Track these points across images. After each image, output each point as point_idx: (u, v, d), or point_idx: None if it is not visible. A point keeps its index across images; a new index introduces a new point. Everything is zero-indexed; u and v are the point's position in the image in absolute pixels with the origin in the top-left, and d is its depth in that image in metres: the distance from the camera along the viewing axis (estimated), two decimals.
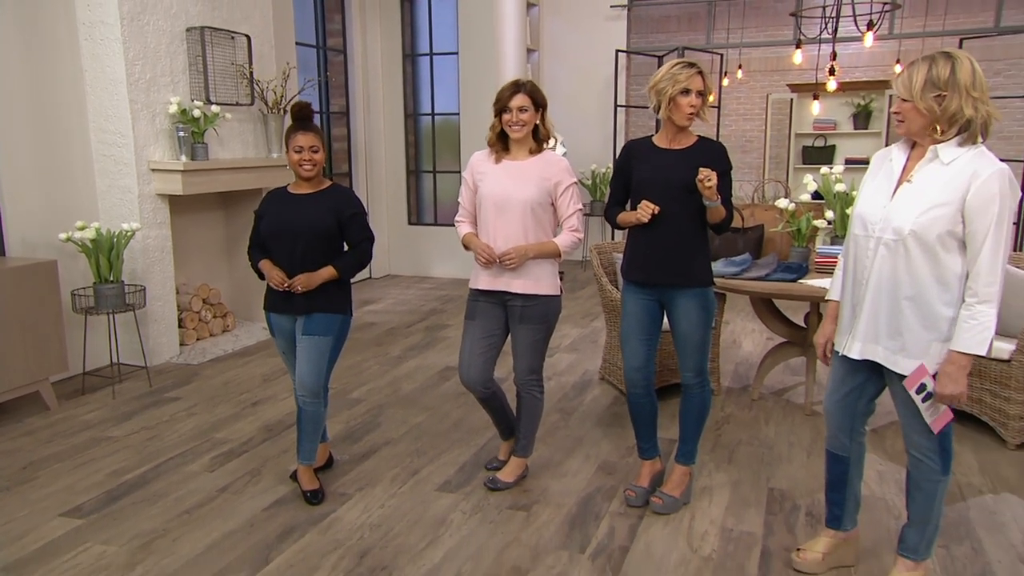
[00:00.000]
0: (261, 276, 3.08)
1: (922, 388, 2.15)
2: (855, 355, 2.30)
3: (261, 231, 3.07)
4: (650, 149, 2.87)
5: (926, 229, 2.10)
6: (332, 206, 2.99)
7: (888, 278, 2.19)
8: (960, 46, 7.59)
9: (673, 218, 2.77)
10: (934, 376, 2.15)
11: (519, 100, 2.90)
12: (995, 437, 3.62)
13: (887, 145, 8.77)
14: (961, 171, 2.08)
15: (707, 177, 2.61)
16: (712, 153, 2.80)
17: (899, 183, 2.21)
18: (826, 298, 2.51)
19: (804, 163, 8.72)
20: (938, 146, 2.12)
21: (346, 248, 3.08)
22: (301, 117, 2.96)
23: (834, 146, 8.76)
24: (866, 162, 8.35)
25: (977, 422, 3.71)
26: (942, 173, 2.11)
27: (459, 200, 3.17)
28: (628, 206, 2.94)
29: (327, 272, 2.97)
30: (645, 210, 2.74)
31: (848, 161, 8.33)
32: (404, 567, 2.62)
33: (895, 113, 2.18)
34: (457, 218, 3.18)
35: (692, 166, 2.73)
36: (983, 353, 2.10)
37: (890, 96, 8.47)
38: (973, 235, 2.07)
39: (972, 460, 3.41)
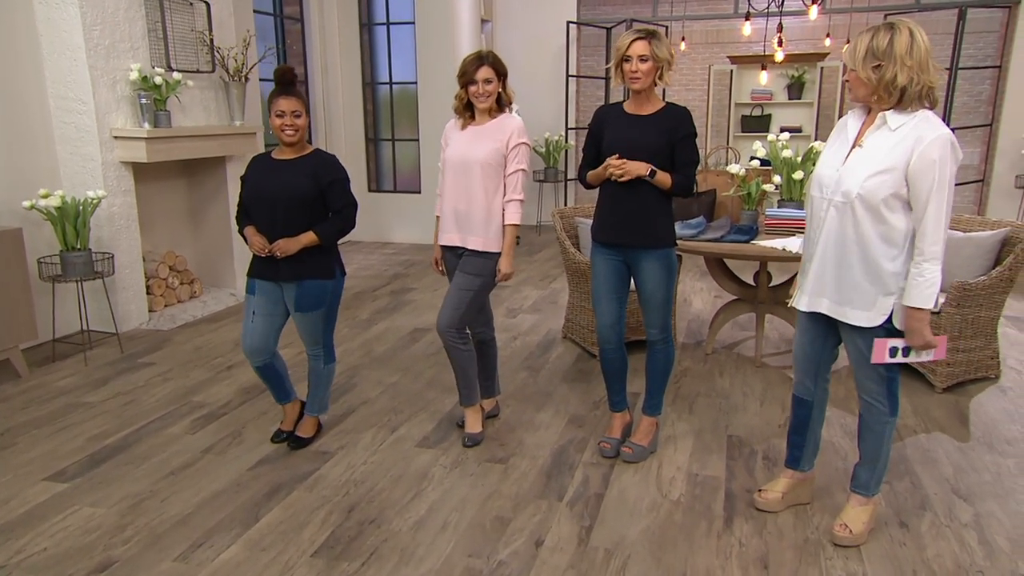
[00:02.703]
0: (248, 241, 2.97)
1: (894, 351, 2.22)
2: (803, 307, 2.40)
3: (243, 196, 2.96)
4: (619, 115, 2.86)
5: (872, 192, 2.14)
6: (312, 172, 2.89)
7: (836, 237, 2.25)
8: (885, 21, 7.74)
9: (637, 182, 2.76)
10: (901, 335, 2.22)
11: (484, 72, 2.91)
12: (925, 382, 3.78)
13: (818, 114, 8.90)
14: (906, 137, 2.12)
15: (617, 169, 2.71)
16: (675, 119, 2.79)
17: (852, 148, 2.25)
18: (797, 252, 2.58)
19: (743, 131, 8.84)
20: (886, 113, 2.16)
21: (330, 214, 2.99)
22: (284, 82, 2.83)
23: (770, 115, 8.88)
24: (799, 130, 8.56)
25: (909, 369, 3.86)
26: (889, 138, 2.15)
27: (439, 164, 3.16)
28: None
29: (307, 238, 2.88)
30: (609, 165, 2.74)
31: (783, 129, 8.45)
32: (392, 520, 2.61)
33: (846, 81, 2.24)
34: (438, 191, 3.19)
35: (657, 131, 2.76)
36: (930, 307, 2.16)
37: (822, 68, 8.61)
38: (916, 197, 2.12)
39: (906, 403, 3.55)
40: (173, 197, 5.53)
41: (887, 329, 2.24)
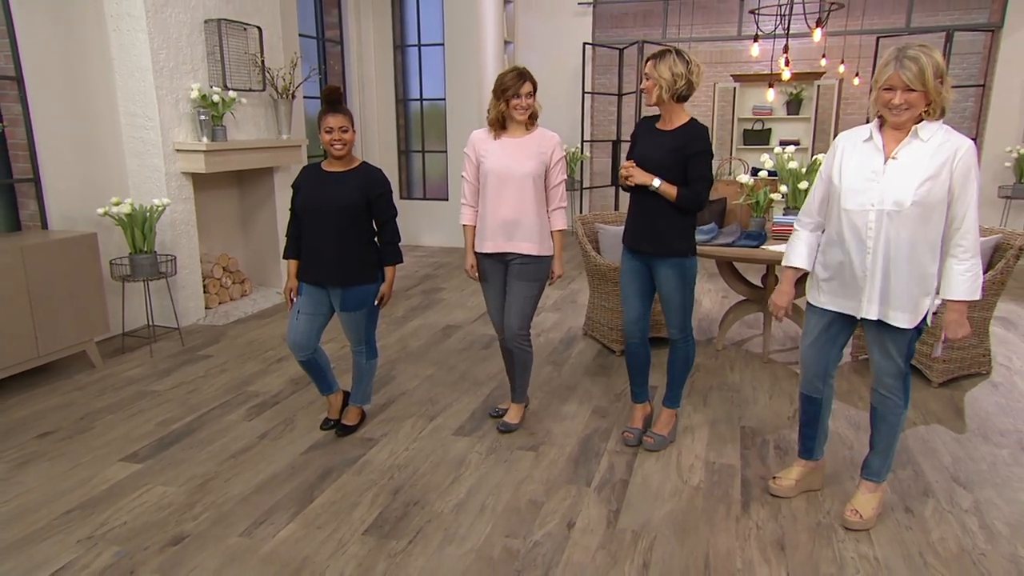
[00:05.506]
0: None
1: (923, 327, 2.21)
2: (873, 316, 2.23)
3: (296, 205, 2.96)
4: (649, 128, 2.84)
5: (925, 198, 2.09)
6: (360, 185, 2.88)
7: (894, 245, 2.15)
8: (877, 43, 7.64)
9: (655, 193, 2.73)
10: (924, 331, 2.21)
11: (528, 87, 2.86)
12: (922, 378, 3.73)
13: (815, 129, 8.76)
14: (942, 146, 2.08)
15: (625, 171, 2.72)
16: (689, 136, 2.72)
17: (885, 160, 2.17)
18: (789, 265, 2.41)
19: (745, 144, 8.76)
20: (917, 127, 2.11)
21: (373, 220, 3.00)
22: (331, 100, 2.82)
23: (770, 129, 8.81)
24: (797, 143, 8.46)
25: None
26: (923, 148, 2.11)
27: (463, 175, 3.09)
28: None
29: (391, 275, 3.03)
30: (624, 171, 2.77)
31: (782, 142, 8.38)
32: (434, 502, 2.61)
33: (898, 105, 2.06)
34: (463, 200, 3.10)
35: (673, 147, 2.72)
36: (977, 297, 2.13)
37: (818, 86, 8.51)
38: (958, 199, 2.09)
39: None
40: (226, 204, 5.57)
41: (919, 330, 2.20)
